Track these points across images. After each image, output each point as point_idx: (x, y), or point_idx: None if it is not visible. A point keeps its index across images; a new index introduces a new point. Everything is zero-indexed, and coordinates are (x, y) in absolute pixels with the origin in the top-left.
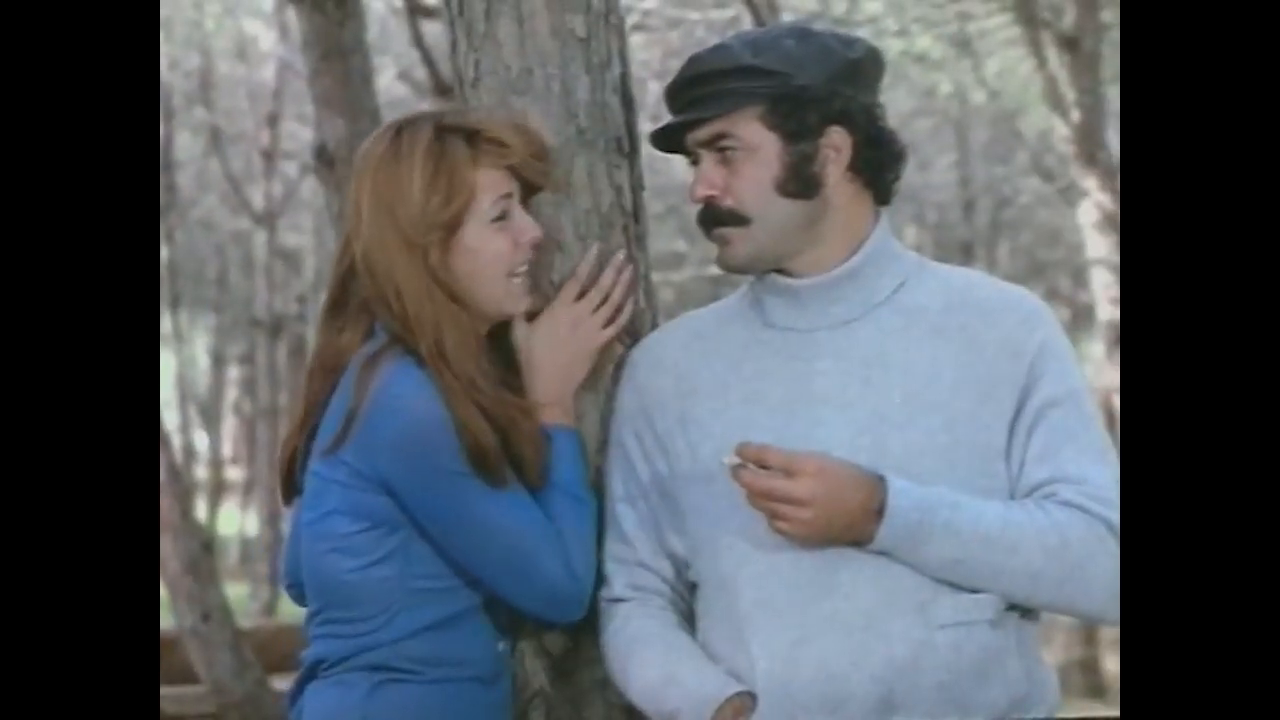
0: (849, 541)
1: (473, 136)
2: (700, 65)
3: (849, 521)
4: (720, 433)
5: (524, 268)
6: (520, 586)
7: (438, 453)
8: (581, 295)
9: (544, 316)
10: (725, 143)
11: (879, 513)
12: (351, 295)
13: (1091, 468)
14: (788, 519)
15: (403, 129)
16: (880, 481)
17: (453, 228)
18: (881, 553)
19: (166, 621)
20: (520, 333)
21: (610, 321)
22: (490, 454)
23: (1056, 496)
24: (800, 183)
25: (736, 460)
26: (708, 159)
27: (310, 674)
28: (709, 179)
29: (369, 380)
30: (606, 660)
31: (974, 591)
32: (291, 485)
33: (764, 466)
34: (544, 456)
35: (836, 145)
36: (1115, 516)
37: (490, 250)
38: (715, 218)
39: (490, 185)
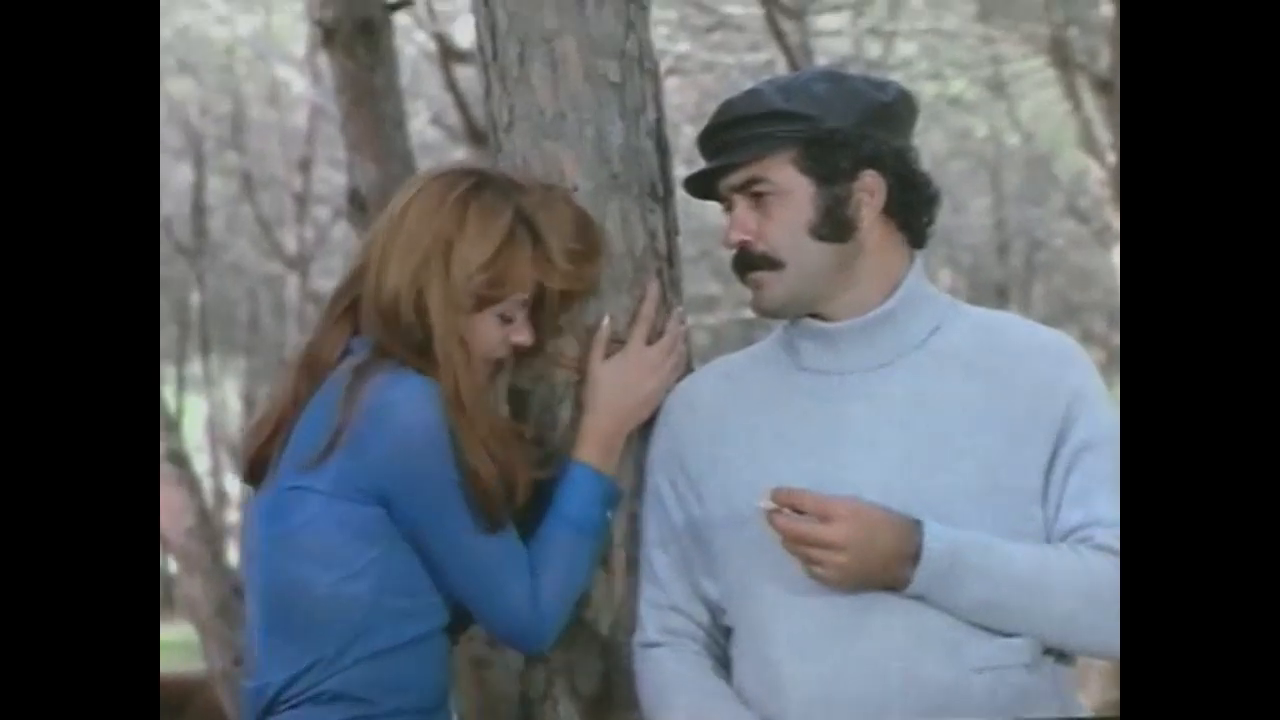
0: (883, 585)
1: (538, 241)
2: (732, 111)
3: (883, 565)
4: (753, 477)
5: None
6: (482, 606)
7: (437, 458)
8: (649, 339)
9: (618, 359)
10: (758, 187)
11: (914, 557)
12: (349, 303)
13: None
14: (822, 564)
15: (484, 188)
16: (915, 525)
17: (483, 305)
18: (916, 597)
19: (198, 664)
20: (593, 369)
21: (677, 367)
22: (493, 496)
23: (1092, 540)
24: (833, 226)
25: (770, 505)
26: (741, 204)
27: (268, 709)
28: (742, 224)
29: (360, 391)
30: (640, 705)
31: (1009, 635)
32: (254, 478)
33: (798, 511)
34: (530, 489)
35: (869, 188)
36: None
37: (484, 338)
38: (749, 262)
39: (522, 289)
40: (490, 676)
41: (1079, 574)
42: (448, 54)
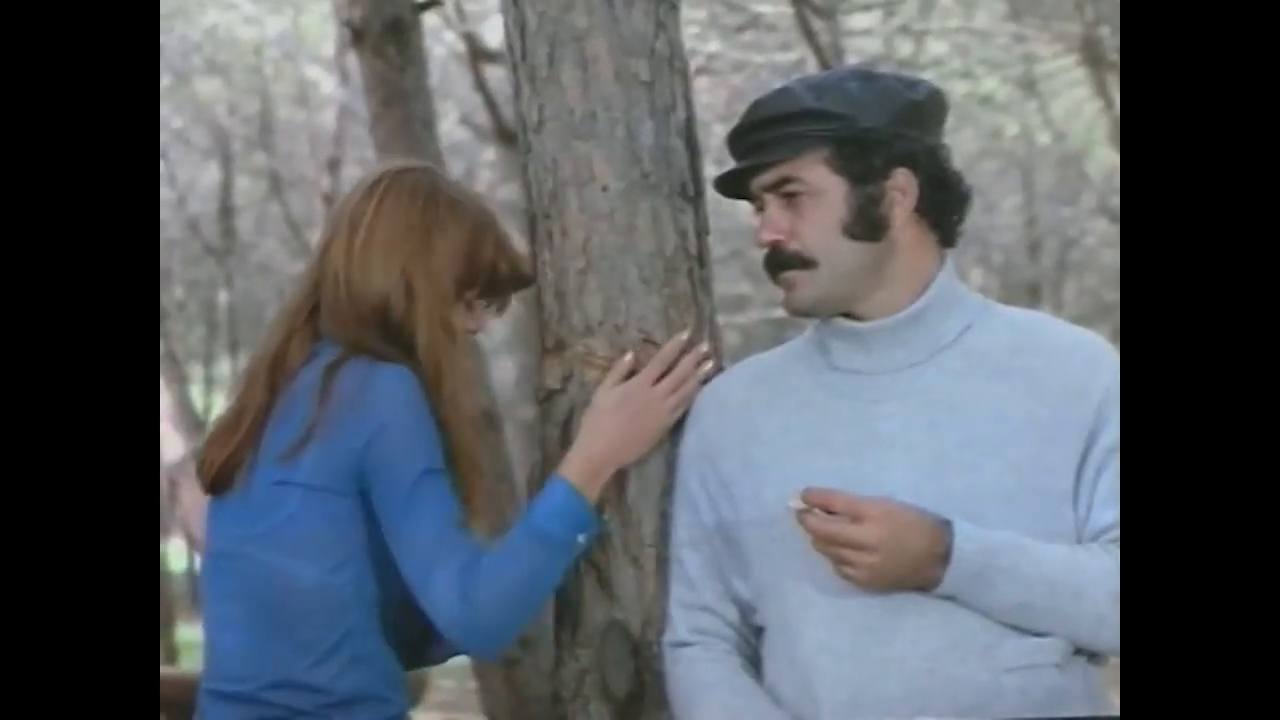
0: (915, 586)
1: (496, 226)
2: (763, 110)
3: (915, 566)
4: (784, 477)
5: None
6: (418, 594)
7: (414, 441)
8: (660, 379)
9: (620, 388)
10: (790, 186)
11: (945, 557)
12: (309, 311)
13: None
14: (853, 564)
15: (440, 181)
16: (946, 526)
17: (460, 292)
18: (947, 597)
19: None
20: (598, 394)
21: (676, 409)
22: (472, 480)
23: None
24: (866, 225)
25: (801, 505)
26: (773, 203)
27: (249, 707)
28: (774, 223)
29: (336, 381)
30: (671, 705)
31: (1040, 635)
32: (220, 485)
33: (829, 511)
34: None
35: (902, 187)
36: None
37: (460, 325)
38: (781, 261)
39: (489, 272)
40: (520, 676)
41: (1111, 575)
42: (477, 54)
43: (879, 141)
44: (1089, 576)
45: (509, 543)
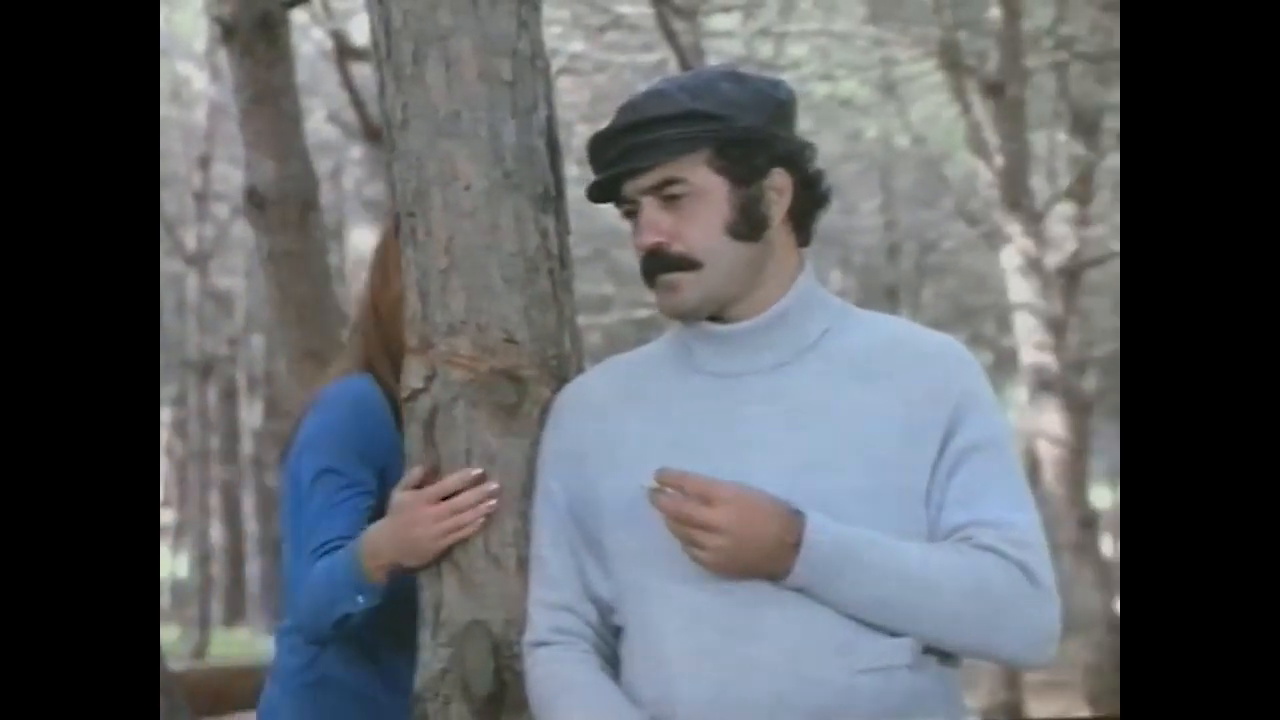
0: (765, 574)
1: None
2: (641, 112)
3: (764, 553)
4: (646, 478)
5: None
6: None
7: (318, 442)
8: (443, 497)
9: (402, 495)
10: (673, 188)
11: (796, 547)
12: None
13: (1010, 512)
14: (701, 545)
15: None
16: (798, 516)
17: None
18: (800, 590)
19: None
20: (396, 491)
21: (447, 535)
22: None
23: (974, 540)
24: (749, 225)
25: (653, 487)
26: (651, 205)
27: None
28: (656, 225)
29: (316, 395)
30: (531, 705)
31: (896, 635)
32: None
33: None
34: None
35: (779, 187)
36: (1033, 561)
37: None
38: (664, 264)
39: None
40: None
41: (964, 572)
42: (344, 51)
43: (759, 141)
44: (942, 573)
45: (320, 569)
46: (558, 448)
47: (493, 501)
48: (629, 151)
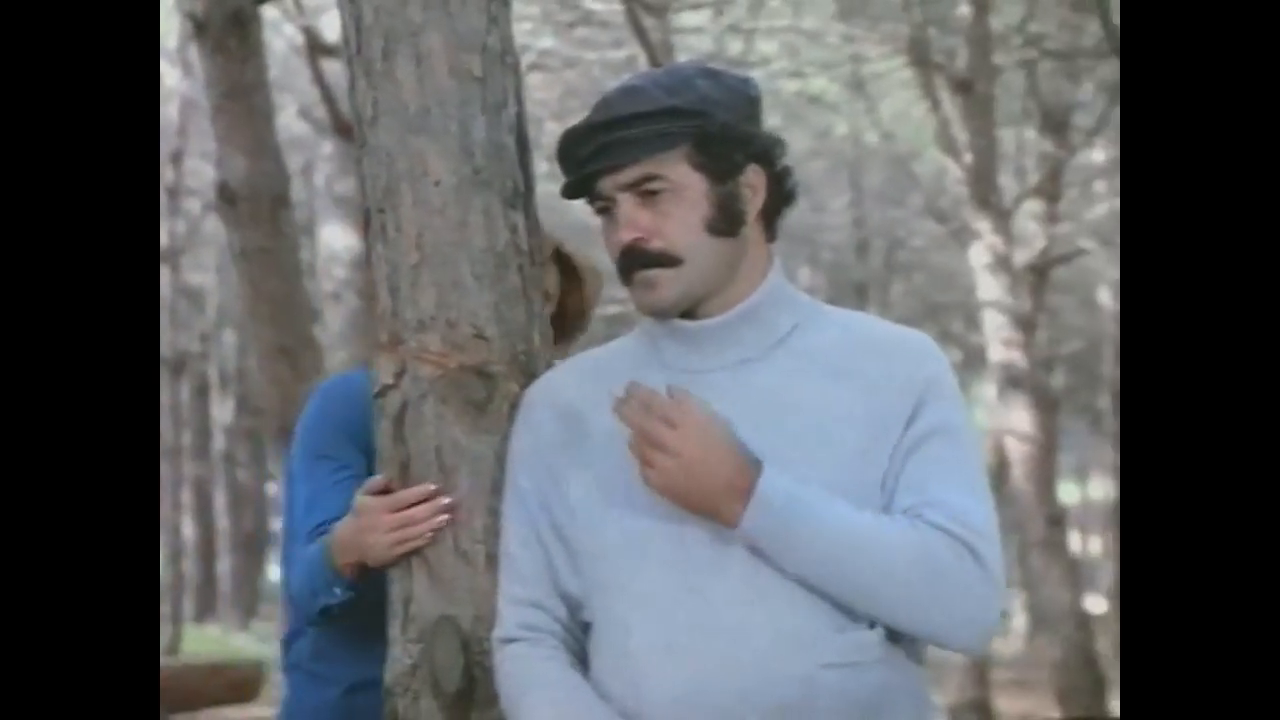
0: (712, 513)
1: None
2: (619, 108)
3: (713, 489)
4: (615, 474)
5: None
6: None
7: (311, 429)
8: (400, 508)
9: (362, 500)
10: (653, 184)
11: (747, 493)
12: None
13: (961, 497)
14: (654, 465)
15: None
16: (756, 465)
17: None
18: (749, 544)
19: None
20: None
21: (397, 546)
22: None
23: (923, 518)
24: (728, 221)
25: (621, 395)
26: (628, 202)
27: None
28: (635, 222)
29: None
30: (501, 700)
31: (861, 630)
32: None
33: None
34: None
35: (753, 184)
36: (983, 546)
37: None
38: (643, 261)
39: None
40: None
41: (913, 542)
42: (315, 48)
43: (736, 138)
44: (891, 541)
45: (309, 553)
46: (527, 444)
47: (444, 516)
48: (607, 148)
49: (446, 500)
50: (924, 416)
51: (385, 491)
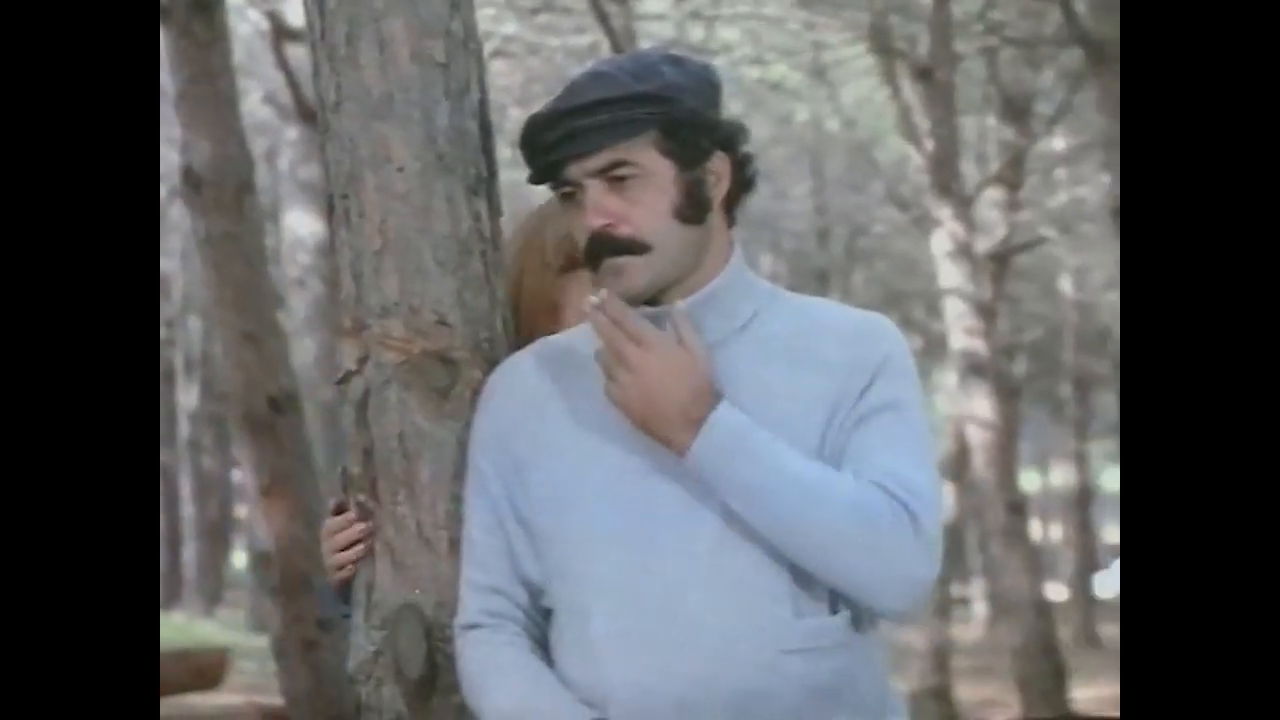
0: (665, 439)
1: None
2: (586, 94)
3: (668, 413)
4: (577, 460)
5: None
6: None
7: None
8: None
9: (329, 521)
10: (621, 170)
11: (699, 423)
12: None
13: (904, 464)
14: (616, 381)
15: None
16: (716, 397)
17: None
18: (696, 475)
19: None
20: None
21: (336, 569)
22: None
23: (866, 477)
24: (696, 207)
25: (597, 303)
26: (596, 188)
27: None
28: (604, 208)
29: None
30: (463, 687)
31: (822, 616)
32: None
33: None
34: None
35: (718, 170)
36: (921, 509)
37: None
38: (611, 248)
39: None
40: (319, 658)
41: (853, 493)
42: (280, 33)
43: (703, 124)
44: (832, 488)
45: None
46: (489, 429)
47: (360, 546)
48: (575, 133)
49: (359, 527)
50: (875, 391)
51: (342, 509)
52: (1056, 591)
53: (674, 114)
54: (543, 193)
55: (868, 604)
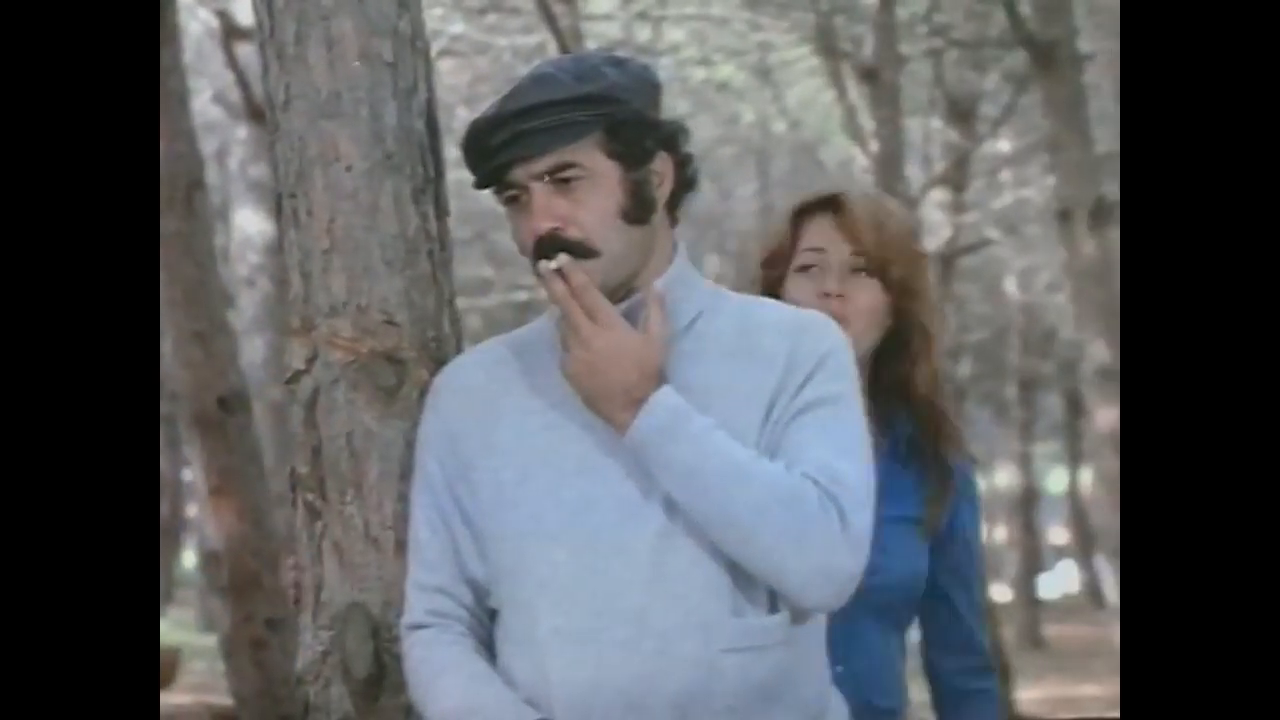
0: (607, 418)
1: None
2: (530, 97)
3: (612, 391)
4: (523, 460)
5: None
6: None
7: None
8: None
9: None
10: (568, 173)
11: (641, 403)
12: None
13: (836, 460)
14: (569, 352)
15: None
16: (658, 379)
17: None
18: (636, 452)
19: None
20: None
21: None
22: None
23: (796, 470)
24: (641, 208)
25: (556, 267)
26: (542, 191)
27: None
28: (551, 210)
29: None
30: (409, 687)
31: (755, 605)
32: None
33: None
34: None
35: (662, 170)
36: (850, 504)
37: None
38: (558, 249)
39: None
40: (267, 658)
41: (783, 482)
42: (230, 32)
43: (647, 124)
44: (764, 475)
45: None
46: (436, 429)
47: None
48: (521, 137)
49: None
50: (812, 386)
51: None
52: (1001, 593)
53: (618, 115)
54: (489, 193)
55: (793, 596)
